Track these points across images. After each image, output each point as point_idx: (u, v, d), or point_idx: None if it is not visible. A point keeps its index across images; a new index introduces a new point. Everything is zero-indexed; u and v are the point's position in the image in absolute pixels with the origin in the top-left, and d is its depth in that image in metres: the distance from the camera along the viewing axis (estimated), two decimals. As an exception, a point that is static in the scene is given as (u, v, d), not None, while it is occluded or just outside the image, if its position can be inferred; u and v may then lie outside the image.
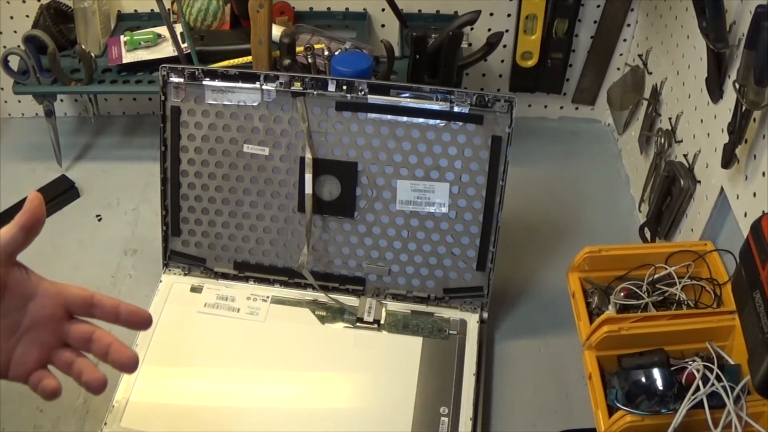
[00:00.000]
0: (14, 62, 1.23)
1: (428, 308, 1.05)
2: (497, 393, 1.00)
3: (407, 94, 0.97)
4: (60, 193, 1.27)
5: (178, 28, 1.22)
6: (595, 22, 1.33)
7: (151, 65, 1.25)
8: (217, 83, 0.99)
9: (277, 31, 1.20)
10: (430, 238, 1.02)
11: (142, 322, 0.70)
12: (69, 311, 0.67)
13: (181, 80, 0.99)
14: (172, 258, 1.08)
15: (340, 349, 0.99)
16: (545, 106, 1.46)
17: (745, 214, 0.87)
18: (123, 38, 1.26)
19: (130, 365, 0.67)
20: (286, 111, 0.99)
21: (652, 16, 1.24)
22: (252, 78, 0.98)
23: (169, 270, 1.08)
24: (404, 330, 1.02)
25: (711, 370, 0.79)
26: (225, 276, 1.07)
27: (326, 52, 1.17)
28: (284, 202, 1.03)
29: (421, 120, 0.97)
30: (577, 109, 1.46)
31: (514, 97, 0.94)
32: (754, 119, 0.85)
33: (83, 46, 1.22)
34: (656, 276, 0.96)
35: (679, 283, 0.94)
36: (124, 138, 1.42)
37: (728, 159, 0.88)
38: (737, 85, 0.82)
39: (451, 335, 1.01)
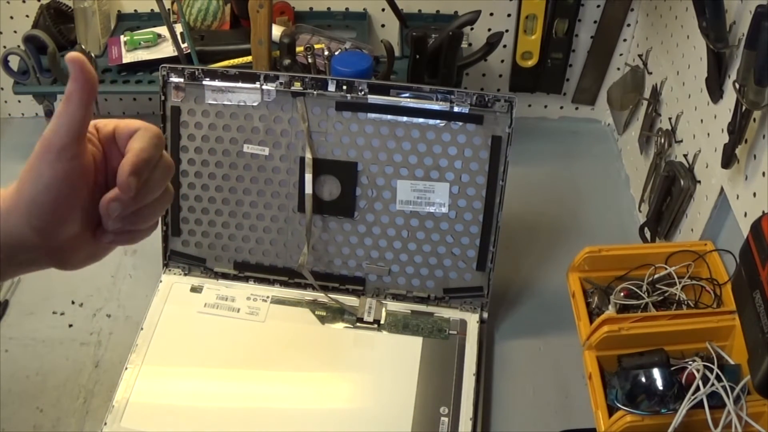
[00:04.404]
0: (14, 62, 1.23)
1: (428, 308, 1.05)
2: (497, 393, 1.00)
3: (407, 94, 0.97)
4: (60, 193, 1.26)
5: (178, 28, 1.22)
6: (595, 22, 1.33)
7: (151, 65, 1.25)
8: (217, 83, 0.99)
9: (277, 31, 1.20)
10: (430, 238, 1.02)
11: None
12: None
13: (181, 80, 0.99)
14: (172, 258, 1.08)
15: (340, 349, 0.99)
16: (545, 106, 1.46)
17: (745, 214, 0.87)
18: (123, 38, 1.26)
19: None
20: (286, 111, 0.99)
21: (652, 16, 1.24)
22: (252, 78, 0.98)
23: (169, 270, 1.08)
24: (404, 330, 1.02)
25: (711, 370, 0.79)
26: (225, 276, 1.07)
27: (326, 52, 1.17)
28: (284, 202, 1.03)
29: (421, 120, 0.97)
30: (577, 109, 1.46)
31: (514, 97, 0.94)
32: (754, 119, 0.85)
33: (83, 46, 1.22)
34: (656, 276, 0.96)
35: (679, 283, 0.94)
36: (124, 138, 1.42)
37: (728, 159, 0.88)
38: (737, 85, 0.82)
39: (451, 335, 1.01)
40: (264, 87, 0.98)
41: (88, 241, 0.54)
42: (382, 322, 1.03)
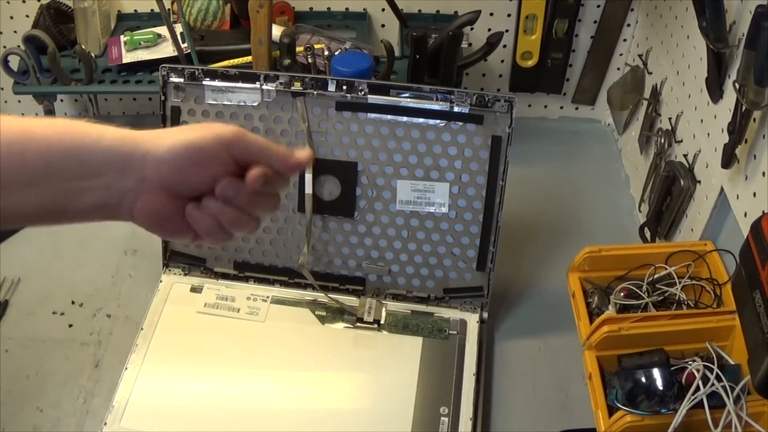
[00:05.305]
0: (14, 62, 1.23)
1: (428, 308, 1.05)
2: (497, 393, 1.00)
3: (407, 94, 0.97)
4: (60, 193, 1.26)
5: (178, 28, 1.22)
6: (595, 22, 1.33)
7: (151, 65, 1.25)
8: (217, 83, 0.99)
9: (277, 31, 1.20)
10: (430, 238, 1.02)
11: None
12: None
13: (181, 80, 0.99)
14: (172, 258, 1.08)
15: (340, 349, 0.99)
16: (545, 106, 1.46)
17: (745, 214, 0.87)
18: (123, 38, 1.26)
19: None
20: (286, 111, 0.99)
21: (652, 16, 1.24)
22: (252, 78, 0.98)
23: (169, 270, 1.08)
24: (404, 330, 1.02)
25: (711, 370, 0.79)
26: (225, 276, 1.07)
27: (326, 52, 1.17)
28: (284, 202, 1.03)
29: (421, 120, 0.97)
30: (577, 109, 1.46)
31: (514, 97, 0.94)
32: (754, 119, 0.85)
33: (83, 46, 1.22)
34: (656, 276, 0.96)
35: (679, 283, 0.94)
36: (124, 138, 1.42)
37: (728, 159, 0.88)
38: (737, 85, 0.82)
39: (451, 335, 1.01)
40: (264, 87, 0.98)
41: (171, 207, 0.55)
42: (382, 322, 1.03)
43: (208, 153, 0.54)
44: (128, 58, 1.25)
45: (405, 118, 0.97)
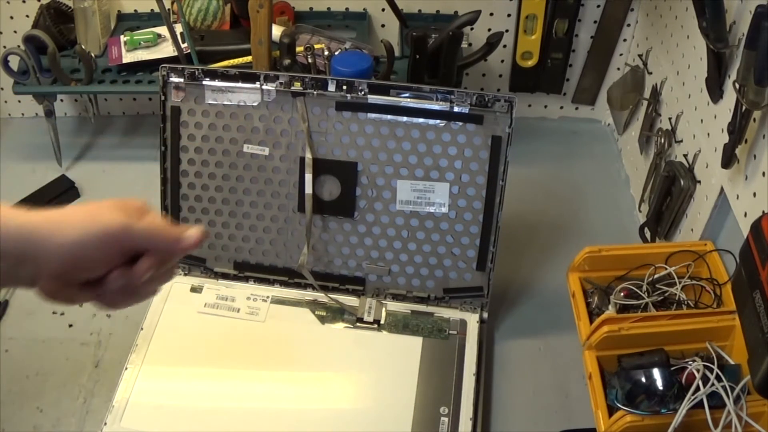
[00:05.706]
0: (14, 62, 1.23)
1: (428, 308, 1.05)
2: (497, 393, 1.00)
3: (407, 94, 0.97)
4: (60, 193, 1.27)
5: (178, 28, 1.22)
6: (595, 22, 1.33)
7: (151, 65, 1.25)
8: (217, 83, 0.99)
9: (277, 31, 1.20)
10: (430, 238, 1.02)
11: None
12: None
13: (181, 80, 0.99)
14: (172, 258, 1.08)
15: (340, 349, 0.99)
16: (545, 106, 1.46)
17: (745, 214, 0.87)
18: (123, 38, 1.26)
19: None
20: (286, 111, 0.99)
21: (652, 16, 1.24)
22: (252, 78, 0.98)
23: (169, 270, 1.08)
24: (404, 330, 1.02)
25: (711, 370, 0.79)
26: (225, 276, 1.07)
27: (326, 52, 1.17)
28: (284, 202, 1.03)
29: (421, 120, 0.97)
30: (577, 109, 1.46)
31: (514, 97, 0.94)
32: (754, 119, 0.85)
33: (83, 46, 1.22)
34: (656, 276, 0.96)
35: (679, 283, 0.94)
36: (124, 138, 1.42)
37: (728, 159, 0.88)
38: (737, 85, 0.82)
39: (451, 335, 1.01)
40: (264, 87, 0.98)
41: (68, 292, 0.58)
42: (382, 322, 1.03)
43: (95, 251, 0.56)
44: (128, 58, 1.25)
45: (405, 118, 0.97)
